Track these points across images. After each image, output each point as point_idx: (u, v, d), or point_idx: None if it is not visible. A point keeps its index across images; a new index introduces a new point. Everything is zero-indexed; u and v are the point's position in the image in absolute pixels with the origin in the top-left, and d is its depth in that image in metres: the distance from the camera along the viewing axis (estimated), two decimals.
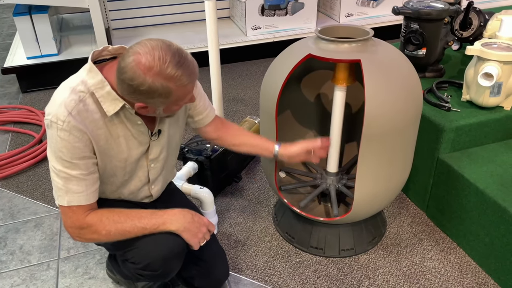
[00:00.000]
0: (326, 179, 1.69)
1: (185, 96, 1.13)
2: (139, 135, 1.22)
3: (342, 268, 1.61)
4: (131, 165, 1.26)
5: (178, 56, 1.06)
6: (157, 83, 1.04)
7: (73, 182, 1.13)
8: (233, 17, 3.49)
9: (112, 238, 1.19)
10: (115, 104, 1.13)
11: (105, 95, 1.12)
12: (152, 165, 1.32)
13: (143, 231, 1.21)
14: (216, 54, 1.86)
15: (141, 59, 1.03)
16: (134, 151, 1.24)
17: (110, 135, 1.17)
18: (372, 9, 3.42)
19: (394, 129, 1.36)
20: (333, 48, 1.39)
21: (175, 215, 1.24)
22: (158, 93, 1.06)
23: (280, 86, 1.43)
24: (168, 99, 1.09)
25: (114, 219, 1.17)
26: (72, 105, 1.10)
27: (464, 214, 1.62)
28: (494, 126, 1.72)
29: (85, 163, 1.13)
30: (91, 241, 1.23)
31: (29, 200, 1.98)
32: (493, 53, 1.58)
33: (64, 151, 1.10)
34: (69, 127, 1.09)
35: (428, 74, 1.98)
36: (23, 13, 2.80)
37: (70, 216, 1.16)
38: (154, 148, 1.28)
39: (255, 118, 2.20)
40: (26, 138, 2.43)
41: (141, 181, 1.33)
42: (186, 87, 1.10)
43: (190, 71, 1.08)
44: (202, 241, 1.28)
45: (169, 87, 1.06)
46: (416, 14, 1.80)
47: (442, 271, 1.59)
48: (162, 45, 1.05)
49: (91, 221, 1.16)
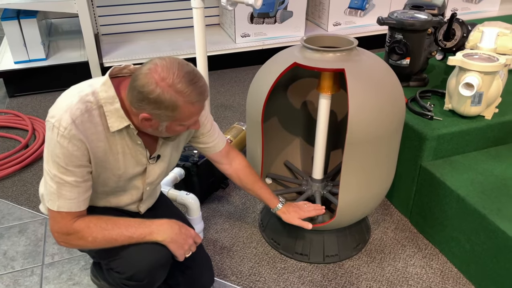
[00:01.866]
0: (311, 185, 1.71)
1: (190, 116, 1.13)
2: (137, 155, 1.23)
3: (327, 274, 1.63)
4: (124, 182, 1.26)
5: (193, 75, 1.09)
6: (167, 94, 1.06)
7: (67, 188, 1.13)
8: (223, 24, 3.52)
9: (98, 245, 1.19)
10: (120, 122, 1.15)
11: (113, 111, 1.14)
12: (148, 188, 1.33)
13: (129, 240, 1.21)
14: (204, 60, 1.88)
15: (157, 69, 1.06)
16: (130, 169, 1.24)
17: (110, 149, 1.17)
18: (360, 19, 3.47)
19: (377, 136, 1.39)
20: (318, 57, 1.42)
21: (163, 226, 1.24)
22: (165, 105, 1.07)
23: (266, 94, 1.45)
24: (173, 113, 1.10)
25: (101, 226, 1.18)
26: (77, 114, 1.10)
27: (446, 221, 1.65)
28: (475, 135, 1.76)
29: (80, 171, 1.13)
30: (76, 247, 1.23)
31: (14, 206, 1.97)
32: (474, 64, 1.62)
33: (61, 157, 1.10)
34: (69, 135, 1.09)
35: (412, 83, 2.02)
36: (11, 17, 2.79)
37: (58, 221, 1.16)
38: (152, 171, 1.29)
39: (242, 124, 2.22)
40: (12, 143, 2.41)
41: (133, 199, 1.34)
42: (194, 106, 1.11)
43: (200, 91, 1.10)
44: (188, 253, 1.29)
45: (177, 101, 1.08)
46: (400, 24, 1.84)
47: (424, 277, 1.62)
48: (180, 63, 1.09)
49: (79, 227, 1.16)
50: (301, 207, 1.53)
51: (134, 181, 1.28)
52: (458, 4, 3.76)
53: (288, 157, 1.89)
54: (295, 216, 1.51)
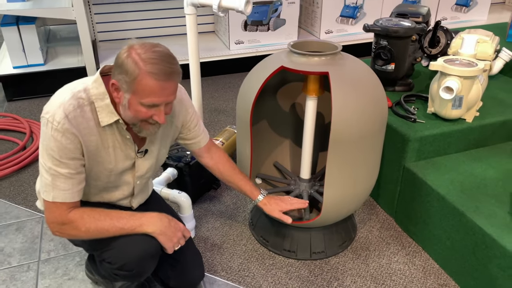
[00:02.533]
0: (299, 185, 1.78)
1: (149, 93, 1.13)
2: (126, 149, 1.30)
3: (313, 270, 1.69)
4: (115, 176, 1.33)
5: (165, 56, 1.14)
6: (131, 59, 1.11)
7: (61, 180, 1.20)
8: (217, 31, 3.60)
9: (91, 235, 1.25)
10: (110, 117, 1.21)
11: (103, 106, 1.21)
12: (138, 182, 1.39)
13: (120, 231, 1.27)
14: (196, 65, 1.95)
15: (135, 44, 1.13)
16: (120, 163, 1.31)
17: (101, 143, 1.24)
18: (351, 27, 3.56)
19: (360, 136, 1.46)
20: (304, 61, 1.50)
21: (153, 218, 1.30)
22: (126, 69, 1.12)
23: (254, 96, 1.52)
24: (132, 81, 1.11)
25: (94, 217, 1.24)
26: (70, 109, 1.17)
27: (428, 219, 1.72)
28: (456, 137, 1.83)
29: (74, 163, 1.20)
30: (70, 237, 1.29)
31: (11, 205, 2.02)
32: (454, 69, 1.70)
33: (55, 150, 1.17)
34: (63, 129, 1.16)
35: (398, 88, 2.10)
36: (11, 23, 2.87)
37: (53, 211, 1.22)
38: (141, 165, 1.36)
39: (234, 128, 2.29)
40: (10, 145, 2.47)
41: (124, 194, 1.40)
42: (154, 80, 1.12)
43: (166, 69, 1.13)
44: (177, 246, 1.34)
45: (138, 68, 1.11)
46: (384, 31, 1.92)
47: (407, 273, 1.68)
48: (159, 46, 1.15)
49: (73, 218, 1.22)
50: (284, 199, 1.58)
51: (125, 175, 1.34)
52: (448, 14, 3.86)
53: (278, 158, 1.96)
54: (276, 208, 1.54)
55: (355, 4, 3.48)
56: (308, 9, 3.60)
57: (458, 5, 3.84)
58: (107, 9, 3.37)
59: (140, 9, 3.43)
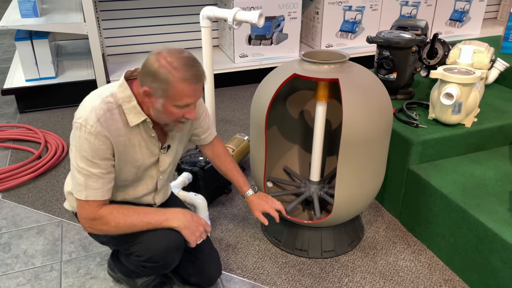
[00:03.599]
0: (309, 187, 1.87)
1: (182, 95, 1.25)
2: (151, 146, 1.40)
3: (324, 267, 1.77)
4: (141, 172, 1.43)
5: (191, 61, 1.26)
6: (164, 69, 1.23)
7: (93, 179, 1.29)
8: (222, 45, 3.73)
9: (120, 230, 1.34)
10: (138, 117, 1.32)
11: (131, 108, 1.31)
12: (161, 177, 1.49)
13: (147, 225, 1.36)
14: (210, 76, 2.06)
15: (163, 53, 1.25)
16: (146, 160, 1.41)
17: (129, 142, 1.35)
18: (350, 41, 3.71)
19: (368, 138, 1.57)
20: (315, 69, 1.61)
21: (177, 214, 1.40)
22: (160, 78, 1.23)
23: (269, 101, 1.63)
24: (167, 87, 1.23)
25: (123, 212, 1.33)
26: (101, 113, 1.27)
27: (432, 218, 1.81)
28: (456, 141, 1.94)
29: (105, 164, 1.30)
30: (101, 232, 1.37)
31: (30, 210, 2.10)
32: (453, 76, 1.82)
33: (88, 151, 1.27)
34: (95, 132, 1.26)
35: (400, 96, 2.22)
36: (25, 38, 2.98)
37: (86, 208, 1.31)
38: (163, 161, 1.46)
39: (243, 135, 2.39)
40: (26, 154, 2.55)
41: (148, 188, 1.49)
42: (186, 84, 1.24)
43: (194, 72, 1.25)
44: (199, 240, 1.44)
45: (171, 76, 1.23)
46: (387, 42, 2.04)
47: (413, 269, 1.77)
48: (183, 52, 1.27)
49: (103, 213, 1.31)
50: (269, 201, 1.68)
51: (149, 171, 1.45)
52: (442, 28, 4.02)
53: (287, 163, 2.06)
54: (258, 208, 1.67)
55: (354, 20, 3.62)
56: (309, 24, 3.74)
57: (452, 20, 4.01)
58: (115, 24, 3.49)
59: (147, 25, 3.56)
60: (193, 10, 3.63)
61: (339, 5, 3.52)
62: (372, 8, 3.64)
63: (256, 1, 3.25)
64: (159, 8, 3.54)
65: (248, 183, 1.70)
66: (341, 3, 3.52)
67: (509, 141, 2.07)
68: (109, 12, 3.43)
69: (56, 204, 2.14)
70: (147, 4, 3.50)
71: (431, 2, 3.84)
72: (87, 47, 3.77)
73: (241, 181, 1.70)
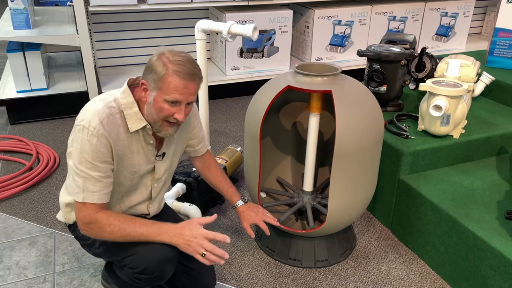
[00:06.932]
0: (302, 197, 1.90)
1: (173, 89, 1.27)
2: (148, 153, 1.42)
3: (318, 277, 1.79)
4: (137, 179, 1.44)
5: (191, 61, 1.31)
6: (160, 61, 1.28)
7: (91, 182, 1.30)
8: (213, 58, 3.77)
9: (114, 237, 1.35)
10: (138, 123, 1.35)
11: (132, 114, 1.34)
12: (155, 185, 1.50)
13: (141, 236, 1.36)
14: (205, 88, 2.09)
15: (167, 51, 1.30)
16: (143, 167, 1.43)
17: (128, 148, 1.37)
18: (340, 54, 3.77)
19: (361, 148, 1.60)
20: (308, 81, 1.65)
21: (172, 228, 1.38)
22: (155, 69, 1.28)
23: (263, 112, 1.66)
24: (160, 78, 1.26)
25: (120, 220, 1.34)
26: (103, 116, 1.30)
27: (423, 227, 1.85)
28: (445, 152, 1.99)
29: (104, 167, 1.31)
30: (96, 236, 1.37)
31: (22, 221, 2.08)
32: (442, 89, 1.87)
33: (89, 153, 1.28)
34: (98, 134, 1.28)
35: (390, 108, 2.27)
36: (17, 49, 2.98)
37: (83, 211, 1.33)
38: (159, 168, 1.48)
39: (236, 146, 2.41)
40: (17, 165, 2.54)
41: (143, 197, 1.50)
42: (179, 79, 1.27)
43: (190, 71, 1.29)
44: (200, 250, 1.37)
45: (166, 68, 1.26)
46: (377, 56, 2.10)
47: (405, 278, 1.79)
48: (186, 54, 1.32)
49: (100, 218, 1.33)
50: (259, 213, 1.68)
51: (144, 178, 1.46)
52: (429, 43, 4.11)
53: (281, 173, 2.09)
54: (248, 220, 1.67)
55: (343, 34, 3.70)
56: (300, 38, 3.80)
57: (438, 35, 4.11)
58: (107, 37, 3.52)
59: (138, 37, 3.59)
60: (185, 23, 3.67)
61: (328, 19, 3.59)
62: (361, 22, 3.72)
63: (248, 15, 3.30)
64: (150, 21, 3.58)
65: (238, 194, 1.71)
66: (330, 17, 3.59)
67: (496, 152, 2.12)
68: (101, 24, 3.46)
69: (48, 215, 2.13)
70: (139, 17, 3.53)
71: (418, 17, 3.94)
72: (78, 59, 3.78)
73: (231, 191, 1.71)
